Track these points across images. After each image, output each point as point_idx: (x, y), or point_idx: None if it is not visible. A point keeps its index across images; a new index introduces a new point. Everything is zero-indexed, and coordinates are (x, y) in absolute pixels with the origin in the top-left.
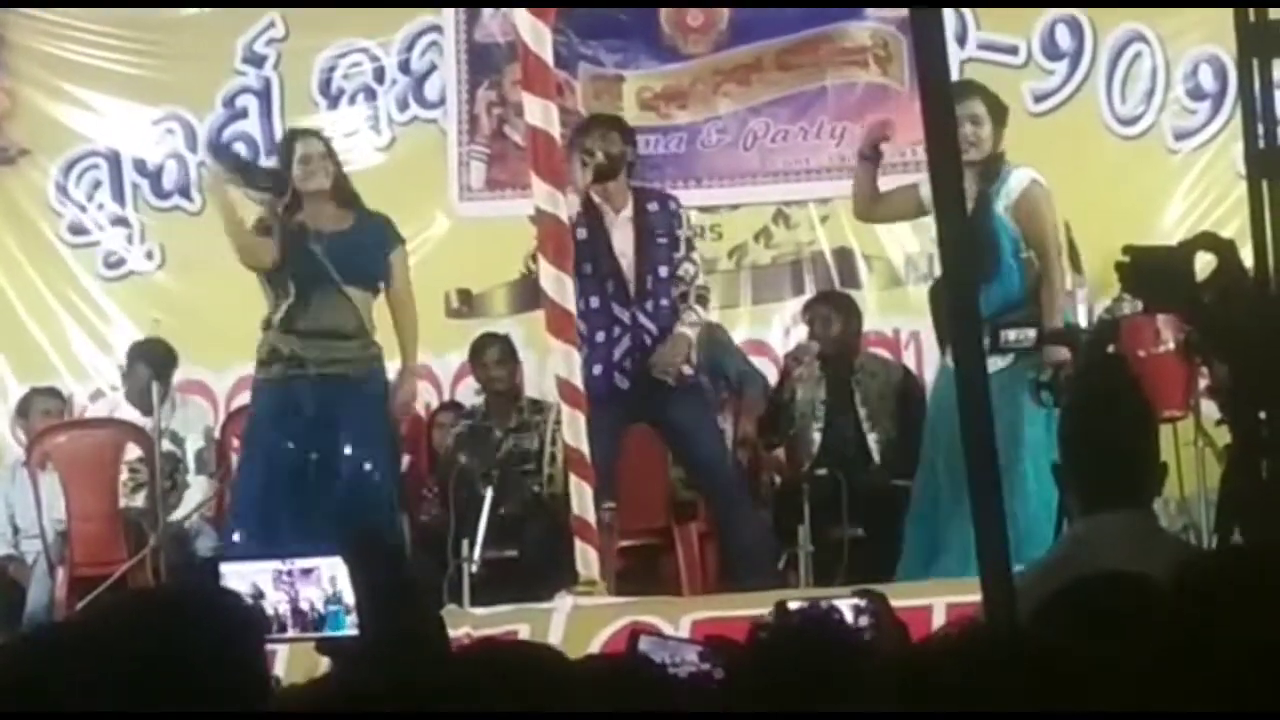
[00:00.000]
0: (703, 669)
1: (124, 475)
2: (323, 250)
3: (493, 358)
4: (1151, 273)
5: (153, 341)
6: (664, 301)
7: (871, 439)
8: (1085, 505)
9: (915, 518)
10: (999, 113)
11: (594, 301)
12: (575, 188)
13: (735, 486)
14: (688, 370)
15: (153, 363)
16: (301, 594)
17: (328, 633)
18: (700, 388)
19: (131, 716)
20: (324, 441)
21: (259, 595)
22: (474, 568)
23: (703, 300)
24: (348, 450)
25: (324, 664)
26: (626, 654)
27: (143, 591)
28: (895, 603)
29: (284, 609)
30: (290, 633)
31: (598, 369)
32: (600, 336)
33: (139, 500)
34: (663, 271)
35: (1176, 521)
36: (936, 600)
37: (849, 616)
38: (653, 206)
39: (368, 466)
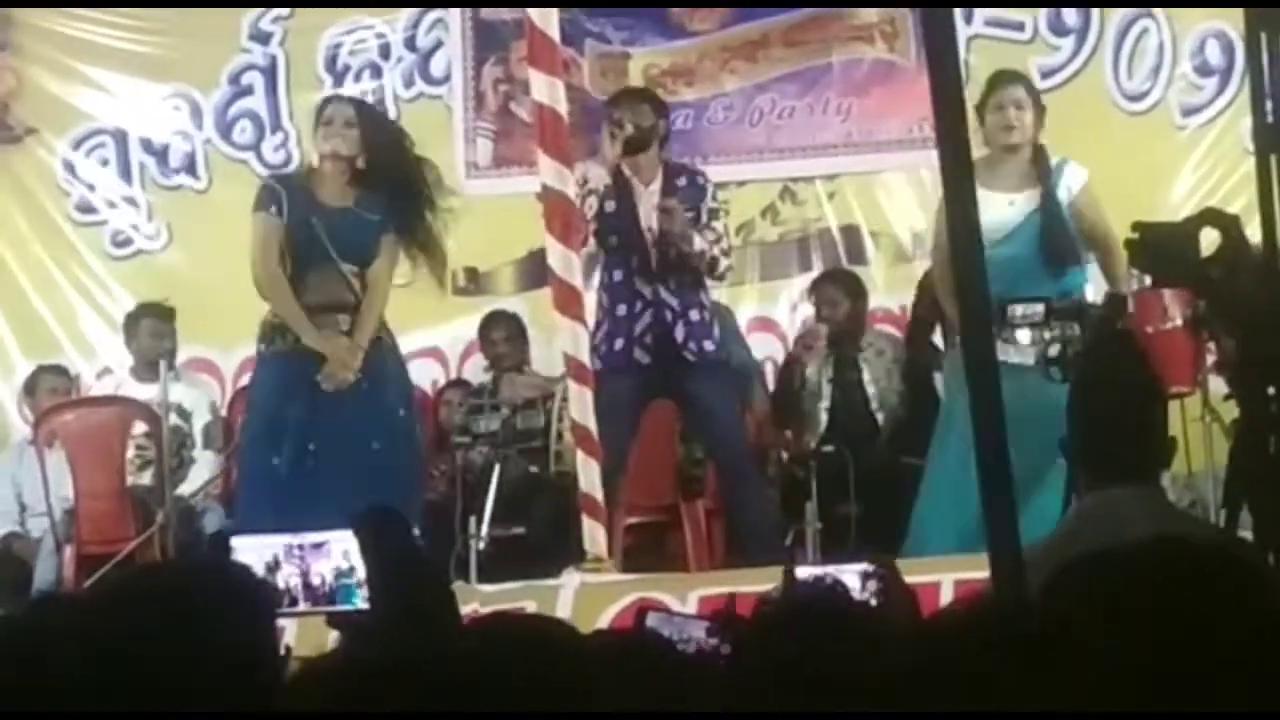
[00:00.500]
0: (711, 645)
1: (131, 453)
2: (322, 225)
3: (502, 335)
4: (1160, 249)
5: (151, 304)
6: (687, 277)
7: (879, 416)
8: (1093, 480)
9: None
10: (1037, 102)
11: (617, 275)
12: (604, 159)
13: (749, 464)
14: (709, 345)
15: (155, 321)
16: (313, 568)
17: (338, 606)
18: (719, 363)
19: (136, 716)
20: (323, 418)
21: (270, 569)
22: (481, 545)
23: (722, 275)
24: (348, 427)
25: (334, 637)
26: (635, 630)
27: (152, 565)
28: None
29: (295, 583)
30: (301, 606)
31: (619, 343)
32: (622, 310)
33: (146, 478)
34: (687, 248)
35: (1184, 498)
36: (945, 576)
37: (856, 584)
38: (681, 181)
39: (375, 445)
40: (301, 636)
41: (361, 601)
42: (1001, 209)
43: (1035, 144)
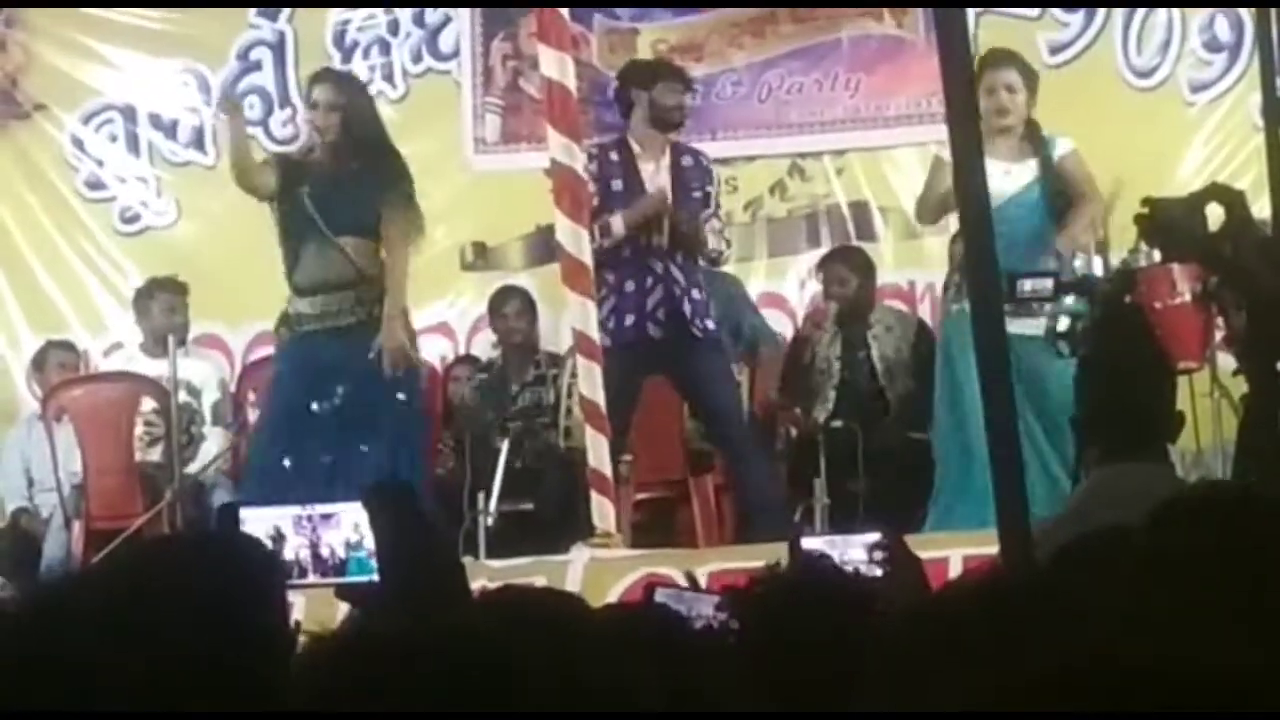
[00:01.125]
0: (719, 621)
1: (140, 429)
2: (310, 199)
3: (512, 310)
4: (1170, 225)
5: (163, 280)
6: (690, 256)
7: (887, 392)
8: (1102, 455)
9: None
10: (1031, 80)
11: (626, 251)
12: (632, 132)
13: (749, 439)
14: (710, 324)
15: (167, 296)
16: (323, 539)
17: (348, 578)
18: (720, 341)
19: (145, 690)
20: (323, 398)
21: (279, 540)
22: (490, 520)
23: (721, 262)
24: (347, 406)
25: (343, 610)
26: (643, 604)
27: (160, 539)
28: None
29: (304, 554)
30: (310, 578)
31: (630, 318)
32: (630, 286)
33: (155, 454)
34: (692, 228)
35: (1192, 473)
36: (953, 552)
37: (863, 556)
38: (687, 161)
39: (371, 420)
40: (310, 608)
41: (371, 573)
42: (998, 178)
43: (1028, 120)
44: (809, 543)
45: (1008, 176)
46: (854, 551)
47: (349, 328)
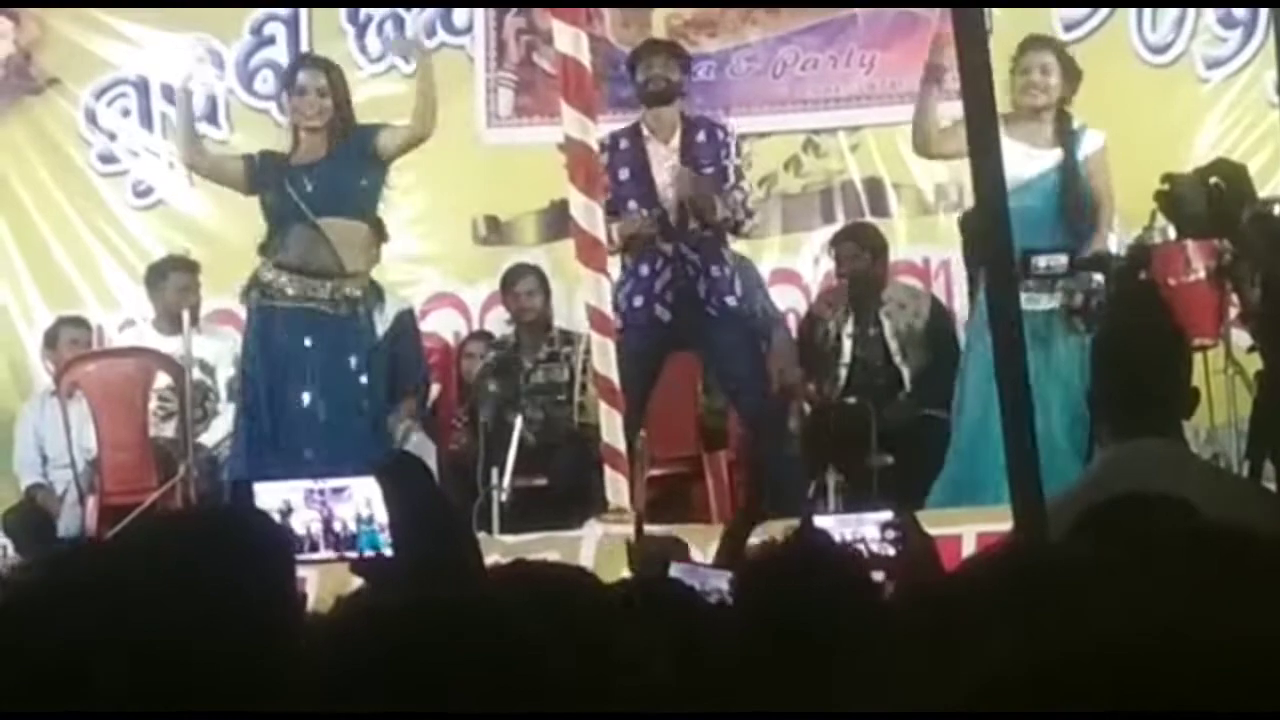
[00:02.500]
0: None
1: (154, 404)
2: (291, 183)
3: (526, 288)
4: (1186, 200)
5: (176, 257)
6: (707, 231)
7: (902, 369)
8: (1116, 431)
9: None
10: (1069, 69)
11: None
12: (642, 115)
13: (772, 416)
14: (731, 300)
15: (180, 274)
16: (335, 513)
17: (360, 551)
18: (742, 316)
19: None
20: (296, 373)
21: (289, 514)
22: (503, 496)
23: (747, 234)
24: (318, 386)
25: (356, 584)
26: (658, 578)
27: (171, 513)
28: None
29: (316, 528)
30: (322, 551)
31: (639, 300)
32: (644, 269)
33: (169, 430)
34: (706, 205)
35: (1206, 450)
36: (966, 529)
37: (875, 534)
38: (700, 137)
39: (338, 407)
40: (322, 582)
41: (384, 547)
42: (1020, 161)
43: (1061, 108)
44: (821, 521)
45: (1029, 159)
46: (867, 529)
47: (329, 318)
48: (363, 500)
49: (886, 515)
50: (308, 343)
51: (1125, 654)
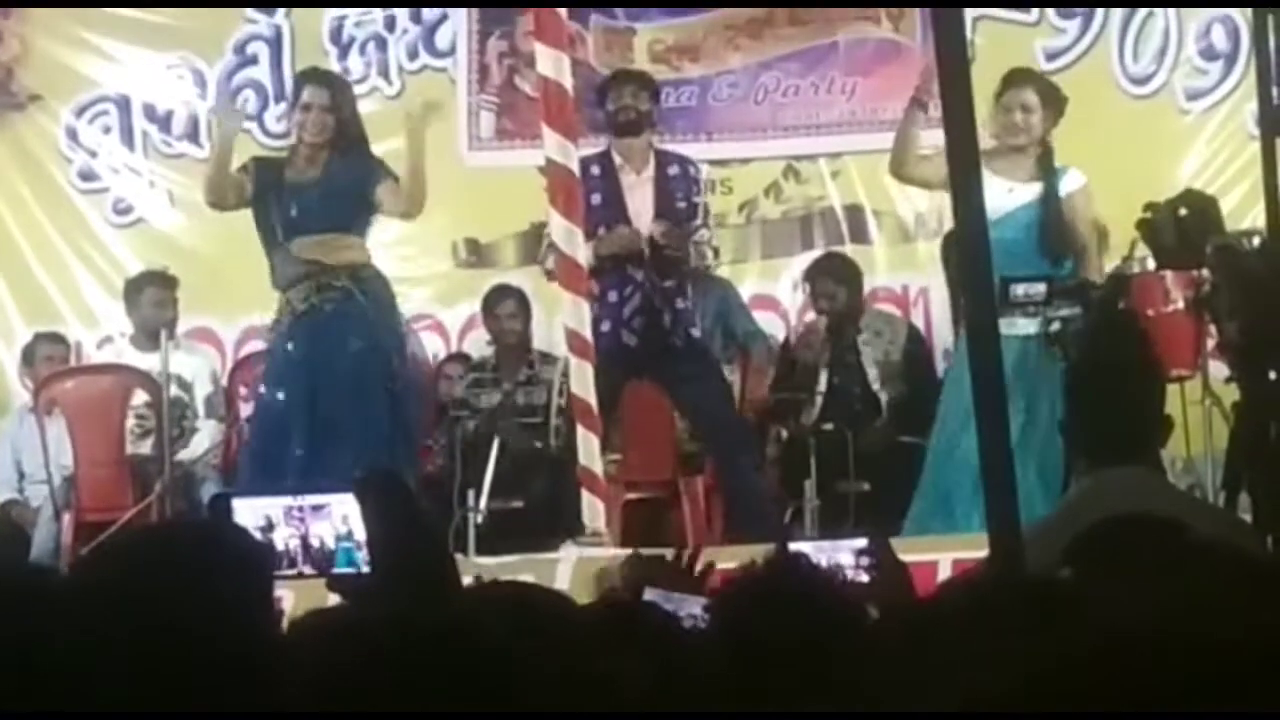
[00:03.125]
0: (706, 621)
1: (131, 421)
2: (284, 201)
3: (506, 310)
4: (1166, 230)
5: (153, 273)
6: (673, 266)
7: (878, 396)
8: (1091, 462)
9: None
10: (1052, 101)
11: (608, 260)
12: (613, 143)
13: (740, 442)
14: (695, 332)
15: (157, 290)
16: (312, 530)
17: (338, 569)
18: (705, 345)
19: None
20: (299, 385)
21: (269, 530)
22: (479, 518)
23: (705, 269)
24: (320, 394)
25: (333, 600)
26: (632, 601)
27: (148, 527)
28: (901, 558)
29: (294, 545)
30: (300, 568)
31: (606, 325)
32: (613, 295)
33: (146, 447)
34: (677, 236)
35: (1182, 480)
36: (943, 556)
37: (849, 560)
38: (673, 170)
39: (341, 410)
40: (300, 599)
41: (362, 564)
42: (1000, 195)
43: (1044, 143)
44: (797, 546)
45: (1010, 194)
46: (841, 556)
47: (323, 314)
48: (340, 517)
49: (861, 542)
50: (309, 346)
51: (1114, 657)
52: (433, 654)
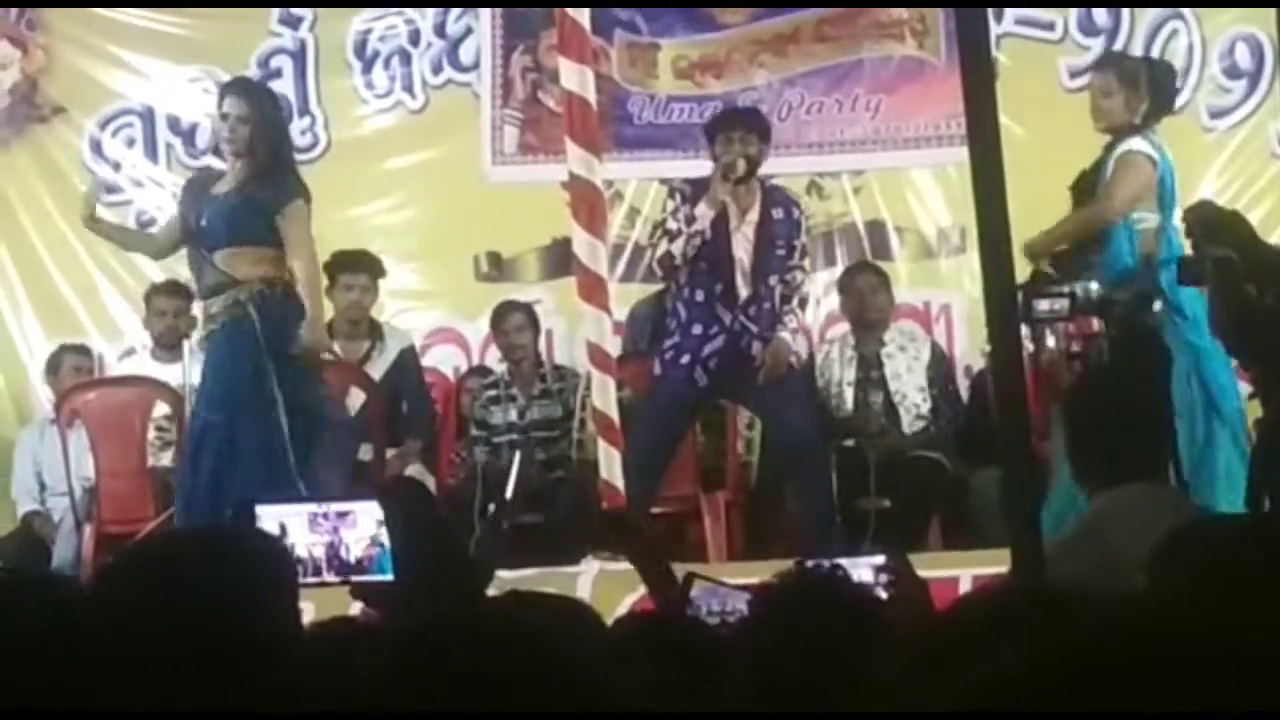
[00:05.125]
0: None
1: (152, 433)
2: (199, 211)
3: (514, 325)
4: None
5: (172, 283)
6: (767, 305)
7: (900, 411)
8: (1105, 478)
9: None
10: (1129, 79)
11: (699, 295)
12: (714, 198)
13: (820, 463)
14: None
15: (177, 300)
16: (341, 537)
17: (365, 576)
18: (797, 380)
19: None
20: (199, 402)
21: (292, 537)
22: (500, 531)
23: (803, 304)
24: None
25: (358, 608)
26: (680, 594)
27: (174, 532)
28: (922, 572)
29: (319, 552)
30: (326, 576)
31: (685, 358)
32: (697, 330)
33: (167, 458)
34: (773, 280)
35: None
36: (963, 571)
37: (868, 576)
38: (778, 214)
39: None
40: (322, 606)
41: (387, 572)
42: None
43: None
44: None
45: None
46: (860, 572)
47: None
48: (370, 524)
49: (879, 559)
50: (205, 362)
51: (1128, 652)
52: (453, 659)
